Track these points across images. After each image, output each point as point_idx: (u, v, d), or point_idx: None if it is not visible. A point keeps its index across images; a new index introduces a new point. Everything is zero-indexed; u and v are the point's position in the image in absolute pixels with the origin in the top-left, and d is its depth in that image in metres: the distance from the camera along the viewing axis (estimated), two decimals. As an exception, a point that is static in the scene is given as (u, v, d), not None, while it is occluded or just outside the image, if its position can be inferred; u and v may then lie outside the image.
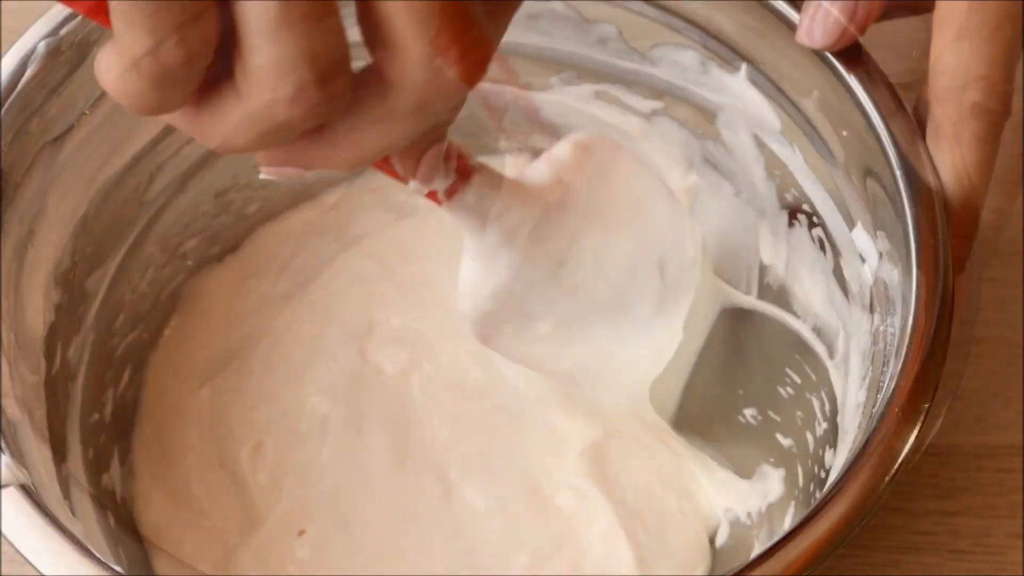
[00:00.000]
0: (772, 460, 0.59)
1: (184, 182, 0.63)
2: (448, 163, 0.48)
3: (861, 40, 0.52)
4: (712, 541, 0.59)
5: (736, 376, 0.62)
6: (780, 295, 0.61)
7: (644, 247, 0.58)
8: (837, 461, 0.51)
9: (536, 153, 0.57)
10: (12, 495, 0.45)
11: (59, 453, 0.53)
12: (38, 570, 0.43)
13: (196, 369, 0.63)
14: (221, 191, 0.65)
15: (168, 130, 0.60)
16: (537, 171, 0.54)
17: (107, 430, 0.59)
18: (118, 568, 0.43)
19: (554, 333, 0.57)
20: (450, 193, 0.49)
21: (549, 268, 0.55)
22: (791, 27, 0.54)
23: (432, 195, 0.49)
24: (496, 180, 0.51)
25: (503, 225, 0.52)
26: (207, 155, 0.62)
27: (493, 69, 0.41)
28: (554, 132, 0.62)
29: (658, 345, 0.60)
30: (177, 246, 0.64)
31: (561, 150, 0.54)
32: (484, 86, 0.50)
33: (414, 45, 0.37)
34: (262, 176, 0.42)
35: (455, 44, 0.37)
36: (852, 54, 0.52)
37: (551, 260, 0.55)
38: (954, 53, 0.49)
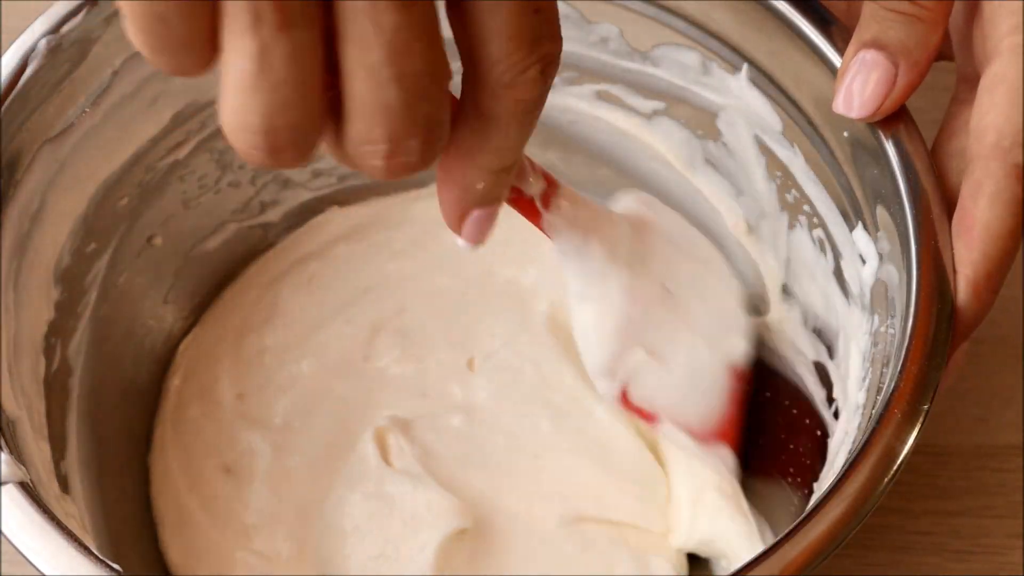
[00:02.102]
0: None
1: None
2: (533, 168, 0.48)
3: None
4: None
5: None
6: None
7: (728, 288, 0.58)
8: (837, 461, 0.51)
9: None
10: (11, 492, 0.45)
11: (58, 450, 0.53)
12: (36, 567, 0.43)
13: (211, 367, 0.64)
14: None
15: (168, 129, 0.60)
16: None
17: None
18: (116, 566, 0.43)
19: (683, 379, 0.56)
20: (546, 200, 0.49)
21: (657, 291, 0.55)
22: (792, 28, 0.54)
23: (531, 210, 0.49)
24: (581, 196, 0.51)
25: (604, 237, 0.52)
26: (206, 154, 0.62)
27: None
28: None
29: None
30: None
31: (620, 198, 0.56)
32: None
33: (354, 123, 0.37)
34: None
35: (388, 142, 0.38)
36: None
37: (655, 282, 0.55)
38: (1003, 114, 0.48)
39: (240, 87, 0.35)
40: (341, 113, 0.37)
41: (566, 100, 0.64)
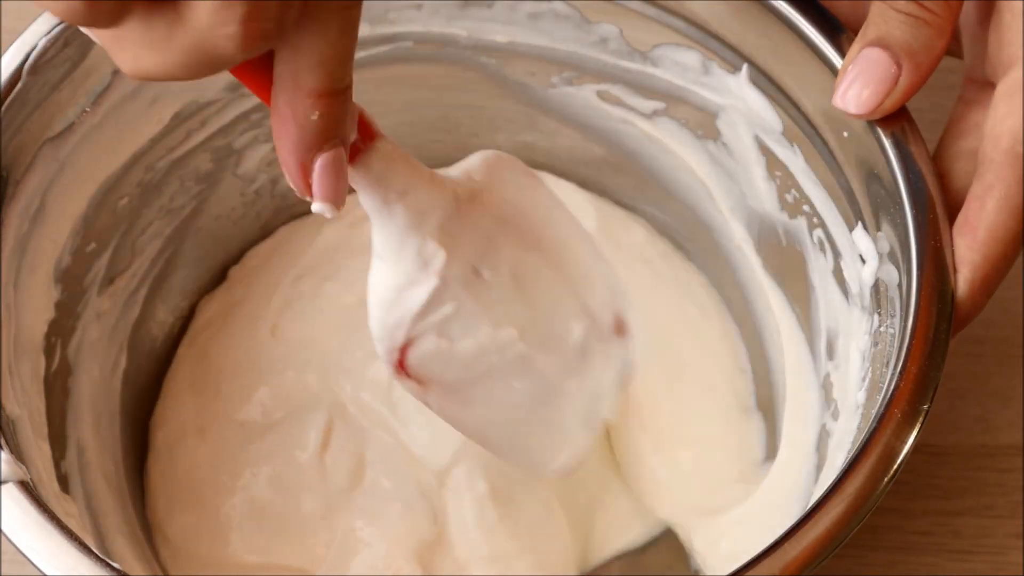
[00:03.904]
0: None
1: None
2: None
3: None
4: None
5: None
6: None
7: (567, 285, 0.55)
8: (837, 461, 0.51)
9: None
10: (11, 491, 0.45)
11: (58, 450, 0.53)
12: (36, 566, 0.43)
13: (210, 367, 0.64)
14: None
15: (168, 129, 0.60)
16: (447, 169, 0.51)
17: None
18: (116, 565, 0.43)
19: (473, 365, 0.53)
20: (354, 154, 0.45)
21: (464, 273, 0.51)
22: (792, 28, 0.54)
23: None
24: (403, 154, 0.47)
25: (410, 204, 0.48)
26: (206, 154, 0.63)
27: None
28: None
29: (584, 417, 0.57)
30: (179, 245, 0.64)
31: (473, 158, 0.52)
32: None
33: None
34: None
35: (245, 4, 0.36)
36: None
37: (465, 263, 0.51)
38: (1019, 119, 0.48)
39: None
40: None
41: (567, 100, 0.64)
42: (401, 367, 0.52)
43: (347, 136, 0.42)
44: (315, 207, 0.42)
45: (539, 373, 0.55)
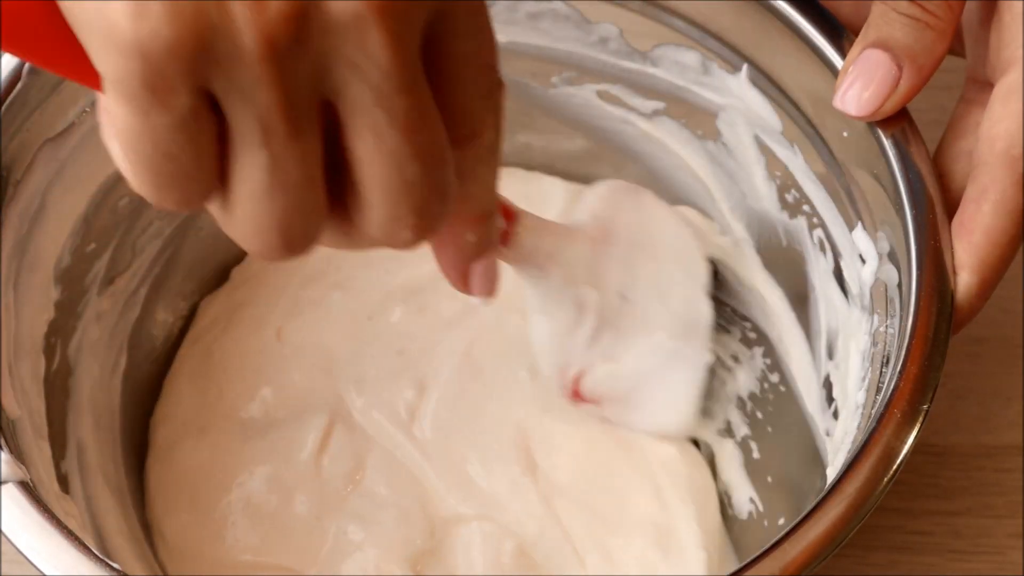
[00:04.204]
0: None
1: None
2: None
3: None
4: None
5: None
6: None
7: (691, 276, 0.59)
8: (837, 461, 0.51)
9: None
10: (11, 492, 0.45)
11: (58, 450, 0.53)
12: (36, 567, 0.43)
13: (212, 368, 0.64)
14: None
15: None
16: (573, 216, 0.56)
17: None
18: (116, 565, 0.43)
19: (637, 372, 0.58)
20: (505, 238, 0.51)
21: (615, 302, 0.57)
22: (792, 28, 0.54)
23: None
24: (540, 221, 0.53)
25: (561, 263, 0.54)
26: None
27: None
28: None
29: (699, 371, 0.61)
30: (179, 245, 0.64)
31: (588, 195, 0.58)
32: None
33: (379, 207, 0.38)
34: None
35: (415, 215, 0.39)
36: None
37: (614, 293, 0.56)
38: (1016, 123, 0.48)
39: (254, 197, 0.37)
40: (352, 201, 0.38)
41: (568, 100, 0.64)
42: (576, 395, 0.59)
43: (496, 236, 0.47)
44: (474, 300, 0.47)
45: (689, 362, 0.59)
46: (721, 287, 0.65)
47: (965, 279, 0.48)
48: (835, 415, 0.55)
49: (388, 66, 0.35)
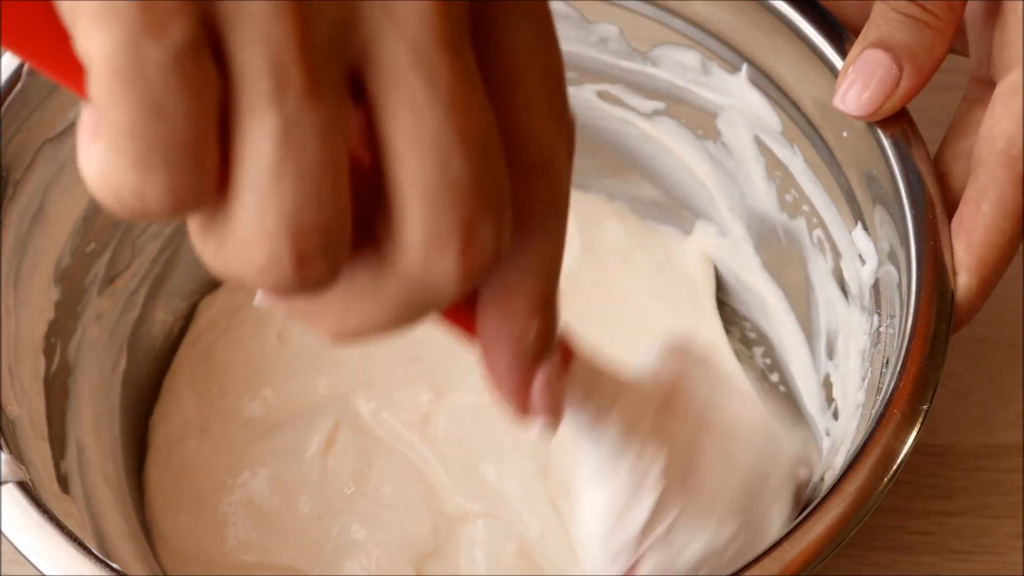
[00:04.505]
0: None
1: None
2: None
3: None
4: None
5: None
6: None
7: (757, 464, 0.49)
8: (836, 461, 0.51)
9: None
10: (11, 492, 0.45)
11: (58, 450, 0.53)
12: (36, 567, 0.43)
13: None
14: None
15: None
16: (632, 369, 0.46)
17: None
18: (116, 565, 0.43)
19: (701, 566, 0.47)
20: (561, 366, 0.39)
21: (677, 477, 0.46)
22: (792, 28, 0.54)
23: None
24: (595, 367, 0.43)
25: (623, 410, 0.44)
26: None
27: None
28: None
29: None
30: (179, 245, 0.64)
31: (653, 352, 0.47)
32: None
33: (416, 220, 0.30)
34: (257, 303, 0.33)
35: (462, 235, 0.30)
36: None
37: (676, 467, 0.46)
38: (1016, 123, 0.48)
39: (259, 180, 0.28)
40: (382, 226, 0.30)
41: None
42: None
43: (556, 335, 0.36)
44: (536, 431, 0.38)
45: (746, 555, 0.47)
46: (721, 287, 0.65)
47: (964, 279, 0.48)
48: (835, 415, 0.55)
49: (429, 15, 0.28)
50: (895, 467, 0.44)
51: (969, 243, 0.48)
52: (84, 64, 0.28)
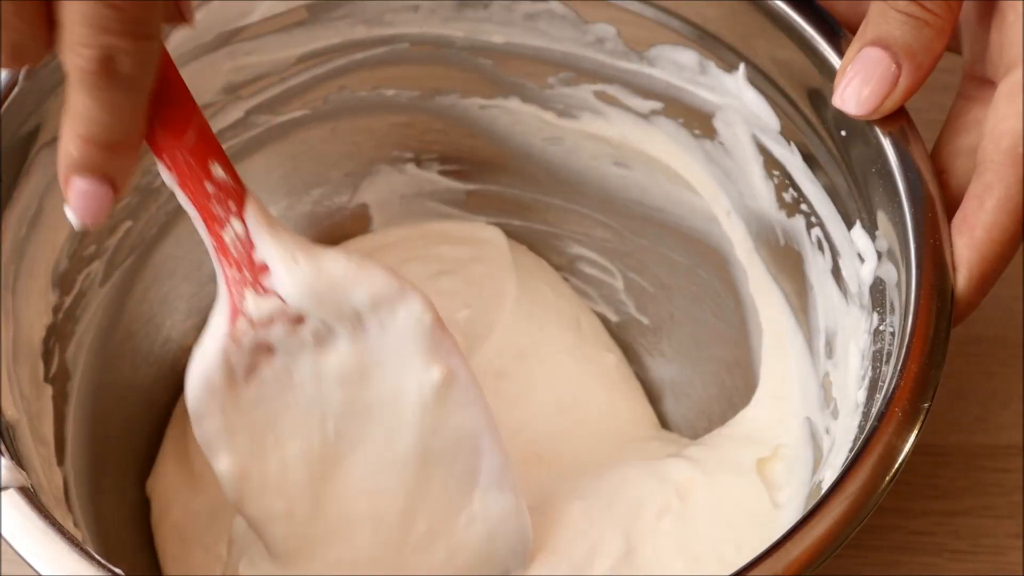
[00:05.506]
0: None
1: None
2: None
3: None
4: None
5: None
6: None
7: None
8: (836, 460, 0.51)
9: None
10: (11, 497, 0.45)
11: (58, 455, 0.53)
12: (37, 572, 0.43)
13: None
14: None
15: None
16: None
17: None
18: (118, 570, 0.43)
19: (318, 480, 0.52)
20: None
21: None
22: (790, 27, 0.54)
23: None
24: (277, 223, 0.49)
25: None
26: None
27: None
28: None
29: None
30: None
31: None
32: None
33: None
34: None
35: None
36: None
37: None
38: (1021, 120, 0.48)
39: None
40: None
41: (568, 101, 0.64)
42: None
43: (119, 170, 0.45)
44: (68, 214, 0.44)
45: None
46: (720, 286, 0.65)
47: (964, 274, 0.48)
48: (834, 414, 0.55)
49: None
50: (897, 466, 0.44)
51: (971, 239, 0.48)
52: None
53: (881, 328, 0.51)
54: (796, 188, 0.58)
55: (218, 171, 0.47)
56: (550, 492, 0.59)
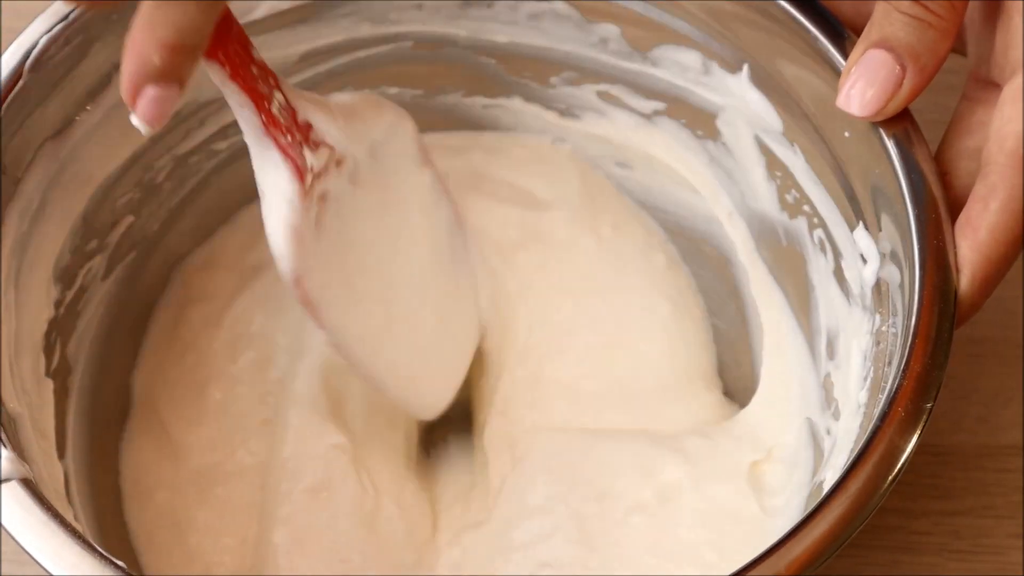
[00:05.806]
0: None
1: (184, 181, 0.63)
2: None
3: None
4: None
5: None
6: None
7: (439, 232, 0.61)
8: (838, 461, 0.51)
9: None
10: (13, 489, 0.45)
11: (59, 448, 0.53)
12: (40, 564, 0.43)
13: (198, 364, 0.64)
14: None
15: (168, 127, 0.60)
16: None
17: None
18: (119, 562, 0.43)
19: (378, 301, 0.57)
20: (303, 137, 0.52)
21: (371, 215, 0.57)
22: (793, 27, 0.54)
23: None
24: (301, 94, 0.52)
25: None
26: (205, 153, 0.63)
27: None
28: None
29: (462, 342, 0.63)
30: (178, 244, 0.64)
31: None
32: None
33: None
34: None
35: None
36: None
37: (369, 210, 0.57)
38: None
39: None
40: None
41: (570, 101, 0.64)
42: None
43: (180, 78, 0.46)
44: (134, 120, 0.46)
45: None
46: (722, 286, 0.65)
47: (967, 275, 0.48)
48: (835, 415, 0.55)
49: None
50: (899, 466, 0.44)
51: (975, 240, 0.48)
52: None
53: (883, 329, 0.51)
54: (799, 189, 0.58)
55: (256, 53, 0.50)
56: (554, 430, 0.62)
